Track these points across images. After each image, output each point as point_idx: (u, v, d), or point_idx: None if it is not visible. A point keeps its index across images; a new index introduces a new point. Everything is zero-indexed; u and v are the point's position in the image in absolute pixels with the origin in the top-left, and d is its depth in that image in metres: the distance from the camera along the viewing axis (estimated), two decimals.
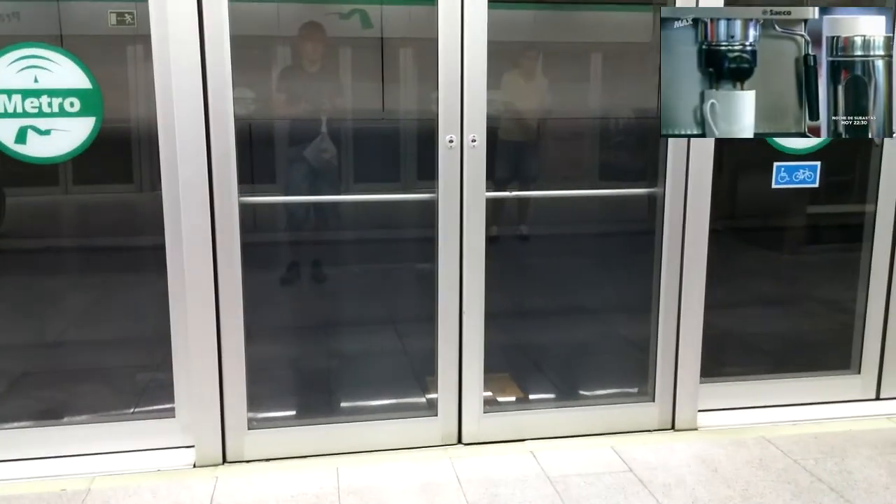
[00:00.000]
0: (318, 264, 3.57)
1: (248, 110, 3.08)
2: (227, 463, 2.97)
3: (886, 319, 3.50)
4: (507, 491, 2.78)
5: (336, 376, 3.43)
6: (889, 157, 3.38)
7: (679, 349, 3.23)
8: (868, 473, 2.92)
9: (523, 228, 3.59)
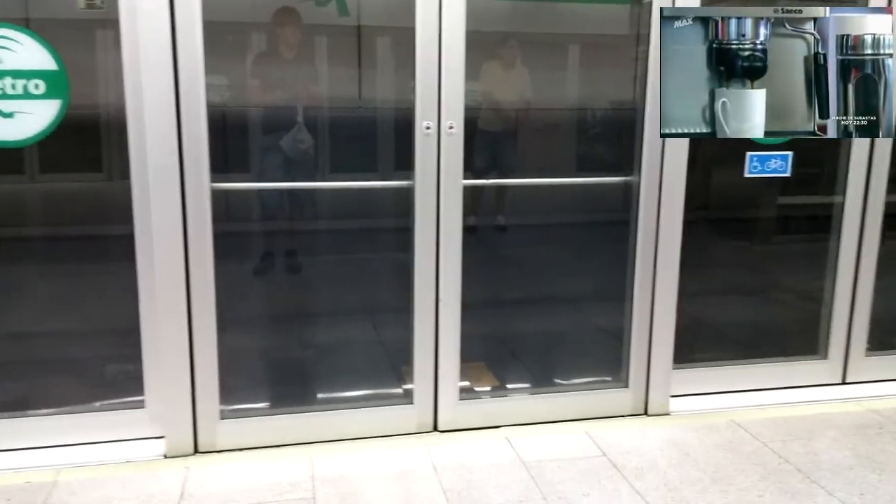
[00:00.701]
0: (292, 254, 3.53)
1: (222, 97, 3.03)
2: (198, 453, 2.93)
3: (853, 307, 3.57)
4: (482, 477, 2.78)
5: (311, 366, 3.41)
6: (857, 149, 3.45)
7: (652, 336, 3.27)
8: (833, 455, 2.98)
9: (500, 219, 3.59)
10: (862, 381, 3.65)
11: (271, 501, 2.61)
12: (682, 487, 2.73)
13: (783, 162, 3.38)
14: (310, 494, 2.65)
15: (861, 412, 3.39)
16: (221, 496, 2.63)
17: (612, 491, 2.70)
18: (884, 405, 3.45)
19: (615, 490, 2.71)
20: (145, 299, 2.86)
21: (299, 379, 3.36)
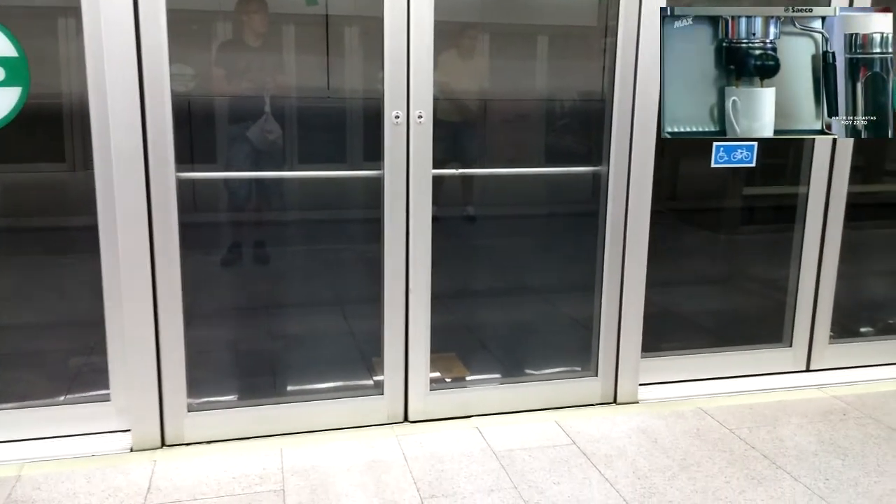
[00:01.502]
0: (261, 245, 3.50)
1: (188, 87, 2.99)
2: (166, 446, 2.89)
3: (816, 295, 3.64)
4: (453, 466, 2.79)
5: (280, 358, 3.38)
6: (820, 141, 3.49)
7: (621, 326, 3.30)
8: (798, 441, 3.04)
9: (469, 209, 3.59)
10: (826, 369, 3.72)
11: (240, 494, 2.58)
12: (651, 475, 2.76)
13: (749, 152, 3.42)
14: (279, 486, 2.63)
15: (825, 399, 3.45)
16: (189, 489, 2.60)
17: (583, 479, 2.72)
18: (847, 392, 3.52)
19: (585, 478, 2.73)
20: (110, 291, 2.81)
21: (268, 371, 3.33)
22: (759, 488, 2.68)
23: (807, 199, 3.57)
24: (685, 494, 2.63)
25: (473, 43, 3.44)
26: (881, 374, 3.71)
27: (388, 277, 3.02)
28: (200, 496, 2.56)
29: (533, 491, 2.64)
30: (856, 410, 3.32)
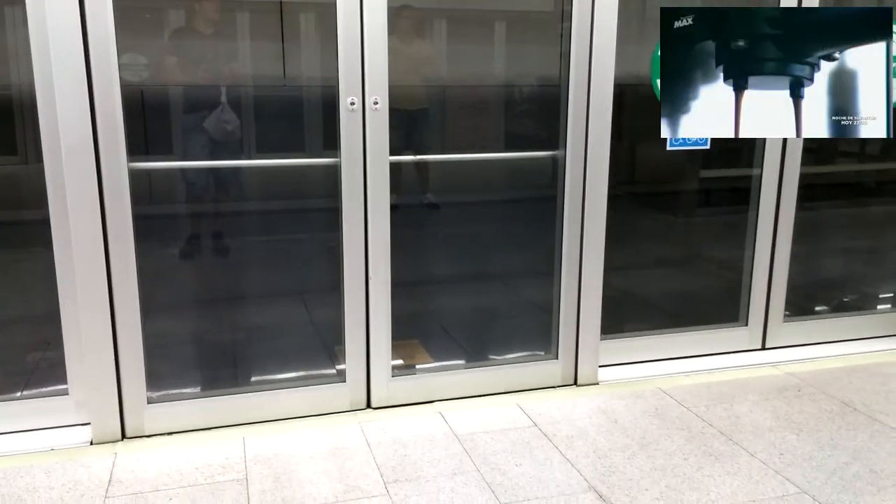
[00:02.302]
0: (219, 236, 3.47)
1: (140, 77, 2.94)
2: (126, 439, 2.88)
3: (771, 275, 3.71)
4: (416, 451, 2.81)
5: (241, 349, 3.37)
6: None
7: (581, 309, 3.34)
8: (754, 418, 3.11)
9: (429, 197, 3.59)
10: (780, 346, 3.80)
11: (203, 483, 2.58)
12: (612, 454, 2.81)
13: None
14: (242, 475, 2.63)
15: (780, 376, 3.53)
16: (152, 481, 2.59)
17: (544, 460, 2.76)
18: (801, 368, 3.61)
19: (547, 459, 2.77)
20: (64, 285, 2.78)
21: (229, 362, 3.31)
22: (716, 464, 2.74)
23: (761, 180, 3.64)
24: (644, 472, 2.68)
25: (409, 25, 3.36)
26: (833, 351, 3.80)
27: (348, 265, 3.02)
28: (163, 487, 2.55)
29: (495, 473, 2.67)
30: (809, 387, 3.41)
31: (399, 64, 3.07)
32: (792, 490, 2.58)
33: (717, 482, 2.63)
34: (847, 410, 3.17)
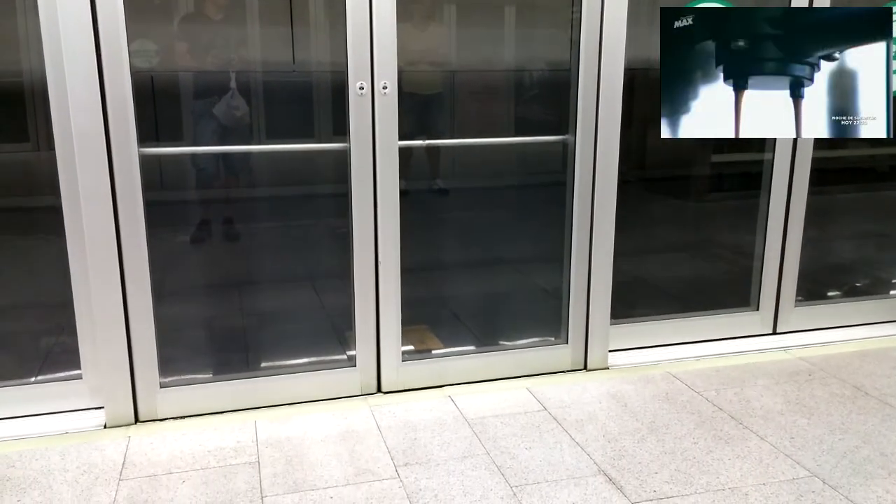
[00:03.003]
0: (229, 221, 3.48)
1: (150, 63, 2.95)
2: (139, 422, 2.91)
3: (783, 259, 3.70)
4: (426, 435, 2.82)
5: (252, 334, 3.39)
6: None
7: (590, 294, 3.34)
8: (765, 402, 3.10)
9: (439, 182, 3.59)
10: (792, 331, 3.79)
11: (215, 466, 2.60)
12: (621, 438, 2.81)
13: None
14: (254, 458, 2.65)
15: (791, 360, 3.52)
16: (164, 464, 2.62)
17: (554, 444, 2.77)
18: (812, 353, 3.59)
19: (556, 443, 2.78)
20: (76, 270, 2.80)
21: (241, 346, 3.34)
22: (726, 448, 2.74)
23: (772, 165, 3.61)
24: (654, 456, 2.69)
25: (425, 11, 3.36)
26: (845, 336, 3.79)
27: (358, 250, 3.02)
28: (176, 470, 2.58)
29: (505, 456, 2.68)
30: (821, 371, 3.40)
31: (410, 48, 3.06)
32: (802, 473, 2.58)
33: (727, 465, 2.63)
34: (858, 395, 3.16)
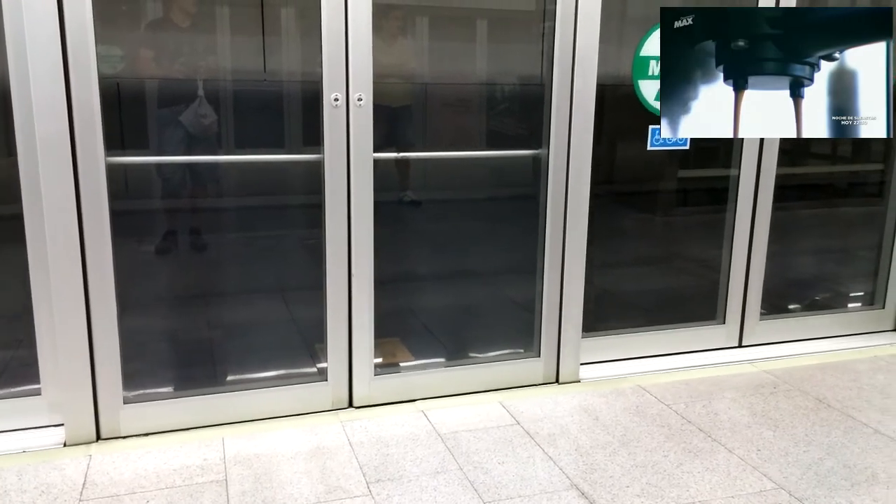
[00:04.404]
0: (197, 232, 3.40)
1: (116, 69, 2.88)
2: (101, 440, 2.81)
3: (748, 274, 3.77)
4: (398, 451, 2.79)
5: (220, 347, 3.31)
6: None
7: (562, 307, 3.35)
8: (732, 414, 3.14)
9: (409, 194, 3.56)
10: (757, 344, 3.86)
11: (181, 486, 2.53)
12: (593, 451, 2.82)
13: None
14: (221, 476, 2.59)
15: (757, 373, 3.58)
16: (127, 483, 2.53)
17: (527, 458, 2.76)
18: (777, 366, 3.66)
19: (529, 457, 2.77)
20: (37, 281, 2.71)
21: (208, 360, 3.26)
22: (695, 461, 2.77)
23: (738, 181, 3.68)
24: (625, 469, 2.70)
25: (395, 24, 3.35)
26: (807, 349, 3.87)
27: (331, 263, 2.99)
28: (139, 489, 2.50)
29: (478, 471, 2.66)
30: (785, 384, 3.46)
31: (381, 60, 3.04)
32: (769, 485, 2.62)
33: (697, 478, 2.65)
34: (821, 407, 3.23)
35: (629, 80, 3.38)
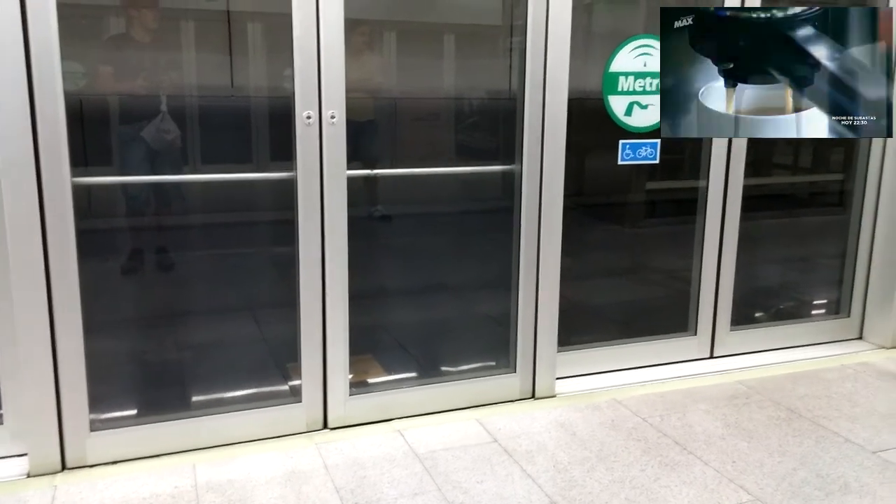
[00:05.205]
0: (164, 250, 3.33)
1: (78, 85, 2.80)
2: (67, 469, 2.72)
3: (718, 284, 3.81)
4: (375, 472, 2.75)
5: (190, 369, 3.23)
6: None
7: (538, 321, 3.34)
8: (706, 426, 3.17)
9: (380, 209, 3.53)
10: (728, 355, 3.90)
11: None
12: (571, 467, 2.81)
13: (652, 149, 3.54)
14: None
15: (729, 384, 3.62)
16: None
17: (505, 476, 2.74)
18: (749, 376, 3.70)
19: (508, 475, 2.75)
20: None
21: (178, 383, 3.17)
22: (672, 474, 2.78)
23: (706, 192, 3.72)
24: (604, 485, 2.69)
25: (362, 40, 3.33)
26: (778, 358, 3.92)
27: (304, 281, 2.94)
28: None
29: (457, 491, 2.63)
30: (757, 394, 3.50)
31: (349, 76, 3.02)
32: (745, 497, 2.64)
33: (675, 492, 2.66)
34: (793, 417, 3.27)
35: (595, 93, 3.40)
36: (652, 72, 3.42)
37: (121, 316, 3.14)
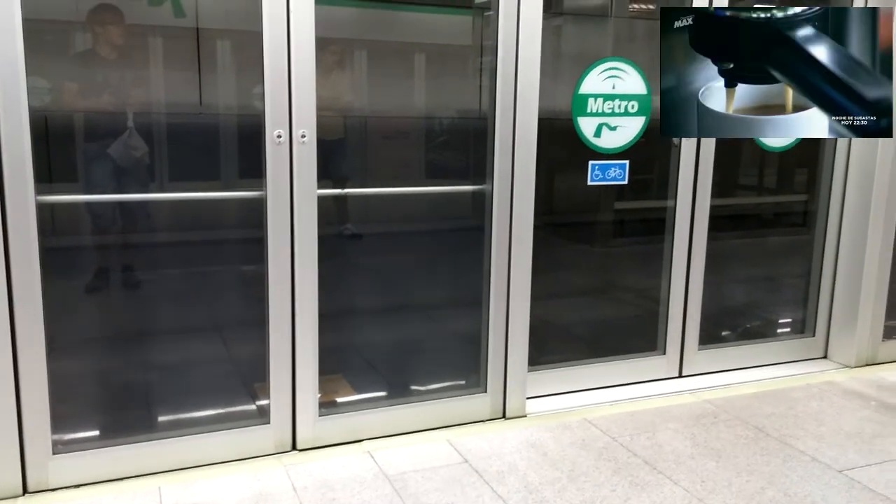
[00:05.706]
0: (129, 269, 3.28)
1: (43, 101, 2.76)
2: (28, 494, 2.65)
3: (686, 304, 3.85)
4: (344, 495, 2.71)
5: (155, 390, 3.17)
6: (685, 156, 3.70)
7: (508, 341, 3.34)
8: (676, 446, 3.19)
9: (349, 227, 3.52)
10: (696, 374, 3.93)
11: None
12: (542, 488, 2.80)
13: (621, 171, 3.58)
14: None
15: (697, 403, 3.65)
16: None
17: (476, 497, 2.73)
18: (716, 395, 3.73)
19: (478, 497, 2.73)
20: None
21: (143, 404, 3.11)
22: (642, 494, 2.78)
23: (674, 212, 3.77)
24: None
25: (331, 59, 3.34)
26: (744, 377, 3.97)
27: (273, 300, 2.91)
28: None
29: None
30: (725, 413, 3.53)
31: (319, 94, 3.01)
32: None
33: None
34: (760, 436, 3.30)
35: (563, 113, 3.44)
36: (621, 94, 3.48)
37: (85, 335, 3.09)
